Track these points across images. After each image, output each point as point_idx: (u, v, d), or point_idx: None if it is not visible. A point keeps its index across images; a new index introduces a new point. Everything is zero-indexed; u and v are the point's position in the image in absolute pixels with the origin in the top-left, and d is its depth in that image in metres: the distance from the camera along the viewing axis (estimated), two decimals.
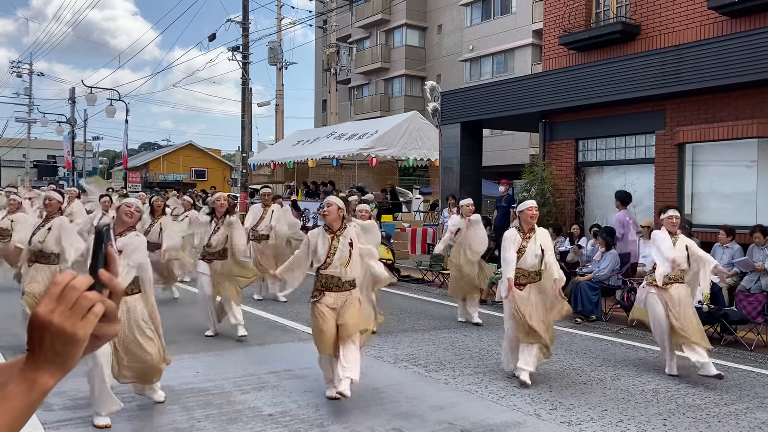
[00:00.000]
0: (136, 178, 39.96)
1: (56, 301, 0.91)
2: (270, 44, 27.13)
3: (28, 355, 0.92)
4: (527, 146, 28.58)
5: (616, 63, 12.10)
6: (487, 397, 5.79)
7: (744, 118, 10.59)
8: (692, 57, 10.70)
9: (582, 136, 13.52)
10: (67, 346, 0.91)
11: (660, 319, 6.64)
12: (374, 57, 38.37)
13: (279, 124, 29.79)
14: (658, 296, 6.66)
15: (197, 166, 52.49)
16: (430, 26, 37.25)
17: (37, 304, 0.92)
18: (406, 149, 18.40)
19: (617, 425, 5.15)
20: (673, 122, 11.68)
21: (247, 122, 24.81)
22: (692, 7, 12.15)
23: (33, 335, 0.91)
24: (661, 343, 6.80)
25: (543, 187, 13.31)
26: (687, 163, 11.60)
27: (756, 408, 5.70)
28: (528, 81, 14.58)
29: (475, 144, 15.76)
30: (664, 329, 6.62)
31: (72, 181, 41.22)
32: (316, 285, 5.63)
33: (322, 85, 40.98)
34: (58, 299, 0.91)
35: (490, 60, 32.29)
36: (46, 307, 0.91)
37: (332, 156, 19.12)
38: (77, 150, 42.46)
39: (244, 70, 23.91)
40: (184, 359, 6.75)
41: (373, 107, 37.79)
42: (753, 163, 10.75)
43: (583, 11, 14.18)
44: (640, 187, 12.18)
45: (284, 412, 5.24)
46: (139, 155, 62.90)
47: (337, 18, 31.08)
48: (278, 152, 23.04)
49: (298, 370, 6.48)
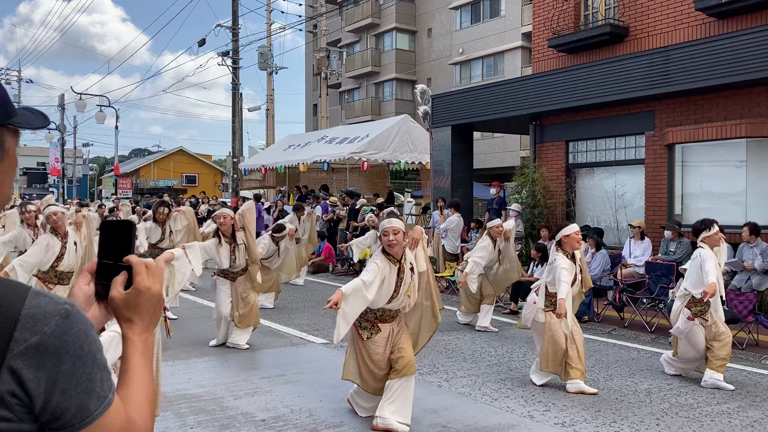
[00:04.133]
0: (126, 184, 39.84)
1: (150, 276, 1.16)
2: (260, 49, 27.11)
3: (135, 323, 1.15)
4: (518, 149, 28.66)
5: (605, 65, 12.16)
6: (480, 400, 5.79)
7: (733, 119, 10.65)
8: (680, 58, 10.76)
9: (572, 137, 13.57)
10: (159, 307, 1.18)
11: (701, 348, 6.39)
12: (364, 61, 38.40)
13: (270, 129, 29.76)
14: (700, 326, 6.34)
15: (188, 172, 52.40)
16: (419, 30, 37.32)
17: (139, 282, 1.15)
18: (398, 153, 18.40)
19: (611, 425, 5.16)
20: (663, 123, 11.74)
21: (238, 127, 24.78)
22: (680, 8, 12.23)
23: (144, 306, 1.15)
24: (689, 361, 6.59)
25: (534, 189, 13.35)
26: (677, 163, 11.66)
27: (748, 406, 5.72)
28: (518, 83, 14.62)
29: (466, 147, 15.79)
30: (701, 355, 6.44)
31: (62, 189, 41.05)
32: (368, 317, 4.99)
33: (313, 89, 40.99)
34: (150, 275, 1.16)
35: (480, 63, 32.38)
36: (152, 283, 1.16)
37: (323, 160, 19.09)
38: (67, 157, 42.27)
39: (234, 75, 23.89)
40: (176, 365, 6.72)
41: (363, 111, 37.81)
42: (742, 163, 10.82)
43: (571, 13, 14.24)
44: (630, 188, 12.23)
45: (277, 418, 5.23)
46: (130, 161, 62.72)
47: (327, 22, 31.14)
48: (269, 157, 22.99)
49: (291, 375, 6.46)
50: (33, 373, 0.94)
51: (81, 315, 1.00)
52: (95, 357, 0.99)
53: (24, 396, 0.94)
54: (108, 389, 1.01)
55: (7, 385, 0.93)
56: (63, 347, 0.95)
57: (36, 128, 1.14)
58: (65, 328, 0.96)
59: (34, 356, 0.94)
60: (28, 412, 0.95)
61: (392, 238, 4.76)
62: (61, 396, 0.95)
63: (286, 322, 9.15)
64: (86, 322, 1.00)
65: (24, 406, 0.94)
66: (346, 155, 18.09)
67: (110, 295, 1.13)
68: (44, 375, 0.94)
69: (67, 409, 0.96)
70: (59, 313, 0.96)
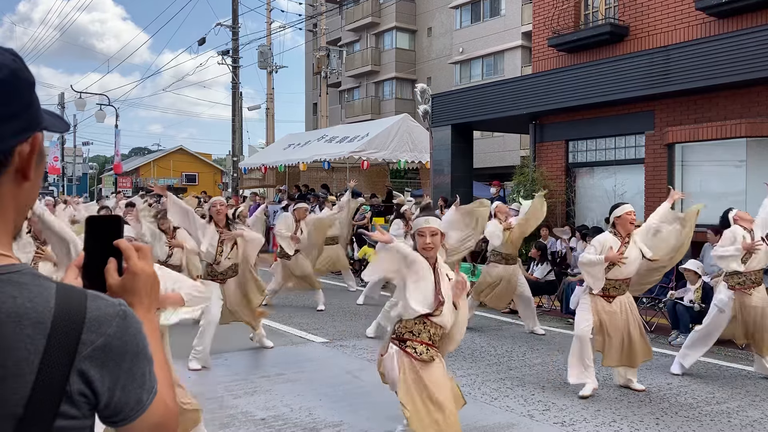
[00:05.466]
0: (126, 183, 39.85)
1: (143, 259, 1.16)
2: (260, 48, 27.08)
3: (136, 307, 1.13)
4: (518, 148, 28.65)
5: (605, 64, 12.16)
6: (480, 399, 5.78)
7: (732, 118, 10.65)
8: (680, 58, 10.76)
9: (572, 137, 13.57)
10: (156, 288, 1.19)
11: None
12: (364, 60, 38.38)
13: (270, 128, 29.73)
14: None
15: (188, 171, 52.37)
16: (419, 29, 37.30)
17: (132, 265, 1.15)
18: (397, 152, 18.39)
19: (610, 425, 5.16)
20: (663, 123, 11.74)
21: (238, 126, 24.79)
22: (680, 8, 12.23)
23: (142, 288, 1.15)
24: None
25: (534, 188, 13.33)
26: (677, 163, 11.66)
27: (748, 406, 5.72)
28: (518, 83, 14.62)
29: (465, 146, 15.78)
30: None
31: (62, 187, 41.05)
32: (422, 338, 4.06)
33: (313, 88, 40.96)
34: (141, 257, 1.16)
35: (480, 62, 32.37)
36: (145, 264, 1.16)
37: (323, 159, 19.09)
38: (67, 155, 42.26)
39: (234, 74, 23.90)
40: (175, 364, 6.71)
41: (363, 110, 37.79)
42: (742, 163, 10.82)
43: (571, 13, 14.24)
44: (630, 187, 12.23)
45: (277, 417, 5.23)
46: (130, 160, 62.68)
47: (327, 21, 31.13)
48: (269, 156, 22.98)
49: (290, 375, 6.46)
50: (99, 373, 1.00)
51: (134, 314, 1.07)
52: (146, 352, 1.07)
53: (91, 395, 1.00)
54: (155, 380, 1.09)
55: (77, 385, 0.99)
56: (124, 347, 1.02)
57: (60, 132, 1.17)
58: (125, 329, 1.03)
59: (99, 357, 1.00)
60: (93, 408, 1.02)
61: (429, 240, 4.08)
62: (121, 392, 1.03)
63: (286, 321, 9.15)
64: (138, 320, 1.07)
65: (90, 404, 1.01)
66: (346, 154, 18.09)
67: (108, 283, 1.14)
68: (108, 374, 1.01)
69: (126, 403, 1.04)
70: (118, 315, 1.03)
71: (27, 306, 0.97)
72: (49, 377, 0.96)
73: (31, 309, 0.97)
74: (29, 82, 1.05)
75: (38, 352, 0.96)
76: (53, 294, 1.00)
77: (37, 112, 1.07)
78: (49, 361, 0.96)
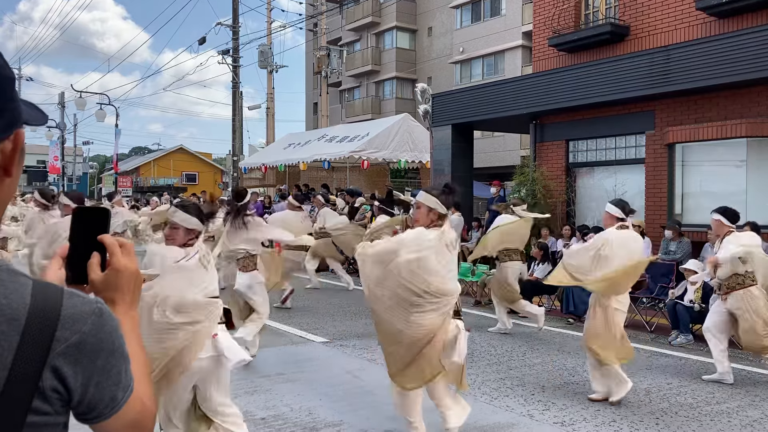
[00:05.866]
0: (126, 182, 39.85)
1: (125, 255, 1.17)
2: (260, 47, 27.09)
3: (118, 303, 1.17)
4: (518, 148, 28.64)
5: (605, 64, 12.15)
6: (479, 399, 5.78)
7: (733, 118, 10.65)
8: (681, 57, 10.76)
9: (572, 137, 13.57)
10: (139, 285, 1.21)
11: None
12: (365, 60, 38.37)
13: (270, 128, 29.74)
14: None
15: (188, 170, 52.39)
16: (420, 29, 37.29)
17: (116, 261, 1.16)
18: (398, 151, 18.39)
19: (610, 425, 5.15)
20: (663, 122, 11.74)
21: (238, 125, 24.80)
22: (680, 8, 12.22)
23: (124, 285, 1.17)
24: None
25: (534, 188, 13.35)
26: (677, 163, 11.66)
27: (747, 406, 5.72)
28: (518, 83, 14.62)
29: (466, 146, 15.78)
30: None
31: (62, 187, 41.04)
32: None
33: (313, 88, 40.96)
34: (125, 254, 1.18)
35: (481, 62, 32.35)
36: (128, 261, 1.18)
37: (324, 159, 19.09)
38: (67, 155, 42.26)
39: (234, 74, 23.90)
40: None
41: (364, 110, 37.78)
42: (742, 163, 10.82)
43: (572, 13, 14.24)
44: (630, 187, 12.23)
45: (277, 416, 5.22)
46: (130, 159, 62.70)
47: (327, 21, 31.13)
48: (269, 155, 22.98)
49: (290, 374, 6.46)
50: (72, 370, 1.00)
51: (110, 313, 1.07)
52: (123, 351, 1.07)
53: (64, 391, 1.01)
54: (131, 378, 1.09)
55: (50, 381, 0.99)
56: (98, 344, 1.03)
57: (40, 124, 1.14)
58: (100, 326, 1.03)
59: (73, 354, 1.00)
60: (66, 405, 1.02)
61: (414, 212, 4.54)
62: (95, 389, 1.03)
63: (286, 321, 9.15)
64: (115, 319, 1.08)
65: (63, 400, 1.01)
66: (347, 154, 18.08)
67: (90, 279, 1.15)
68: (81, 371, 1.01)
69: (100, 400, 1.05)
70: (94, 312, 1.03)
71: (2, 302, 0.97)
72: (22, 373, 0.96)
73: (6, 305, 0.97)
74: (10, 78, 1.03)
75: (12, 349, 0.96)
76: (29, 291, 1.00)
77: (17, 107, 1.05)
78: (23, 358, 0.96)
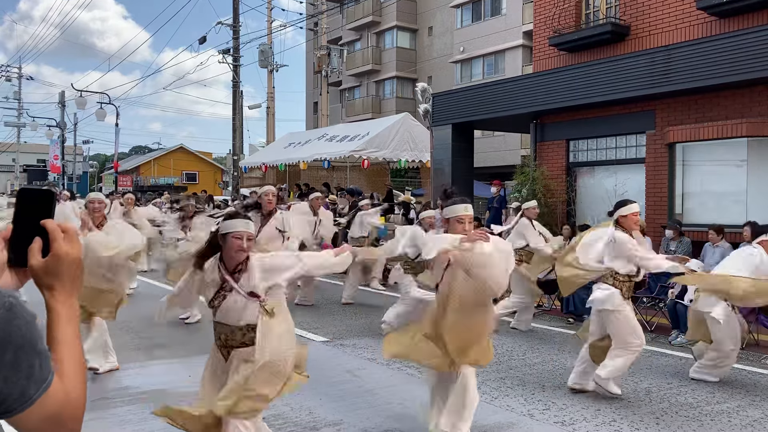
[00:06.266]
0: (126, 181, 39.87)
1: (68, 241, 1.14)
2: (261, 47, 27.09)
3: (56, 290, 1.14)
4: (518, 147, 28.64)
5: (606, 64, 12.15)
6: (480, 398, 5.77)
7: (734, 118, 10.65)
8: (682, 57, 10.75)
9: (573, 136, 13.56)
10: (79, 273, 1.17)
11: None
12: (365, 59, 38.37)
13: (270, 127, 29.74)
14: None
15: (188, 170, 52.37)
16: (420, 28, 37.29)
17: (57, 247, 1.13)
18: (398, 151, 18.39)
19: (610, 425, 5.15)
20: (664, 122, 11.73)
21: (238, 125, 24.80)
22: (681, 7, 12.22)
23: (65, 272, 1.14)
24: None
25: (534, 187, 13.34)
26: (677, 162, 11.65)
27: (748, 406, 5.72)
28: (518, 82, 14.62)
29: (466, 145, 15.78)
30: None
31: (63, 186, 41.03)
32: None
33: (313, 87, 40.96)
34: (68, 240, 1.14)
35: (481, 61, 32.35)
36: (70, 248, 1.14)
37: (324, 158, 19.09)
38: (67, 154, 42.25)
39: (234, 73, 23.90)
40: (174, 364, 6.72)
41: (364, 109, 37.78)
42: (743, 163, 10.82)
43: (572, 12, 14.23)
44: (631, 187, 12.22)
45: (277, 416, 5.22)
46: (130, 159, 62.68)
47: (328, 20, 31.10)
48: (269, 155, 22.99)
49: None
50: None
51: (23, 307, 1.05)
52: (35, 345, 1.05)
53: None
54: (47, 372, 1.07)
55: None
56: (6, 338, 1.01)
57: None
58: (8, 320, 1.02)
59: None
60: None
61: (468, 227, 4.26)
62: (3, 383, 1.01)
63: None
64: (28, 313, 1.05)
65: None
66: (347, 153, 18.09)
67: (29, 264, 1.13)
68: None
69: (9, 395, 1.02)
70: (3, 306, 1.02)
71: None
72: None
73: None
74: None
75: None
76: None
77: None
78: None
